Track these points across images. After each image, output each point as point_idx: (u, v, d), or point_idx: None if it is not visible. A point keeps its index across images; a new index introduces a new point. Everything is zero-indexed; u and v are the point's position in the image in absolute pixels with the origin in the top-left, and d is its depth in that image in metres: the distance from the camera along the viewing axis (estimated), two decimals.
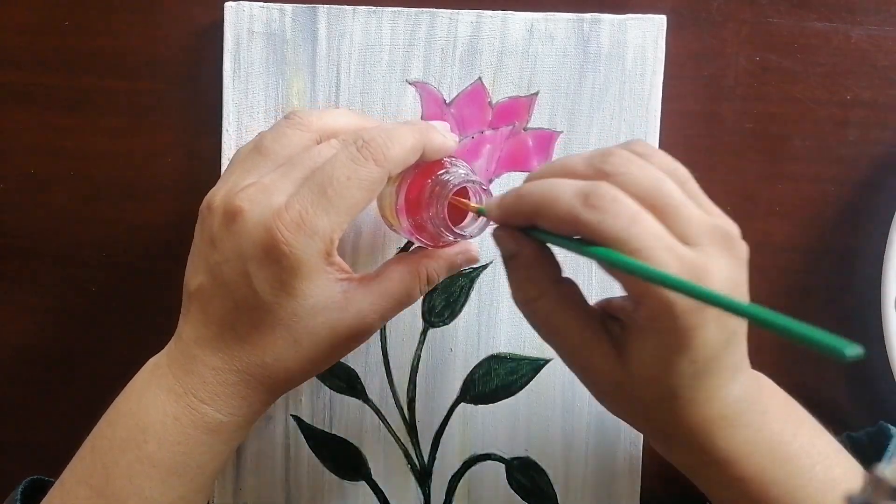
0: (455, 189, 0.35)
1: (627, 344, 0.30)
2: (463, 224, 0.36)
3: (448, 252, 0.37)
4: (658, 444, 0.34)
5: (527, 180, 0.33)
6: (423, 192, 0.35)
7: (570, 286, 0.33)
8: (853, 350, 0.21)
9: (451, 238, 0.36)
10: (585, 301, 0.33)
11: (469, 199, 0.36)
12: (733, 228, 0.30)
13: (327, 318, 0.34)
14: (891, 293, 0.41)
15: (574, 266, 0.42)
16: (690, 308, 0.28)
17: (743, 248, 0.30)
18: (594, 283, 0.43)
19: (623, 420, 0.35)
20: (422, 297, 0.43)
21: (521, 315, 0.42)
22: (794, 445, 0.32)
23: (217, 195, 0.34)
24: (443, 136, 0.35)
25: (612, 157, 0.30)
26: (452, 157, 0.37)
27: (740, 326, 0.30)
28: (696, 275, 0.28)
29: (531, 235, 0.32)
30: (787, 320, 0.24)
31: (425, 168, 0.35)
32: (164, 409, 0.34)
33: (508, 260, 0.33)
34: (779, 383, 0.38)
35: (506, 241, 0.33)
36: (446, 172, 0.35)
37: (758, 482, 0.32)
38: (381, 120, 0.42)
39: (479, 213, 0.35)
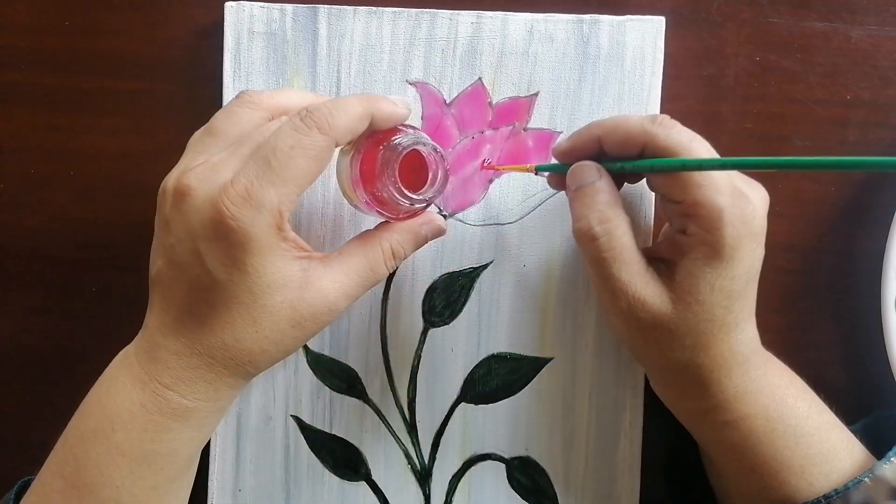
0: (405, 152, 0.34)
1: (673, 273, 0.35)
2: (420, 190, 0.36)
3: (411, 223, 0.37)
4: (671, 387, 0.38)
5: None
6: (376, 160, 0.35)
7: (630, 221, 0.36)
8: None
9: (409, 205, 0.35)
10: None
11: (428, 167, 0.36)
12: None
13: (286, 296, 0.33)
14: (891, 293, 0.41)
15: (574, 271, 0.43)
16: (736, 222, 0.33)
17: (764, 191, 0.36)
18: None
19: (646, 359, 0.38)
20: (423, 298, 0.43)
21: (521, 315, 0.42)
22: (791, 390, 0.37)
23: (170, 178, 0.34)
24: (393, 103, 0.35)
25: (657, 116, 0.35)
26: (407, 125, 0.36)
27: (758, 269, 0.36)
28: (738, 194, 0.34)
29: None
30: (838, 158, 0.30)
31: (378, 137, 0.35)
32: (131, 398, 0.34)
33: (584, 188, 0.36)
34: None
35: (588, 169, 0.36)
36: (397, 137, 0.35)
37: (762, 419, 0.36)
38: None
39: (536, 170, 0.38)
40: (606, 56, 0.42)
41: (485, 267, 0.43)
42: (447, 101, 0.43)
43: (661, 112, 0.42)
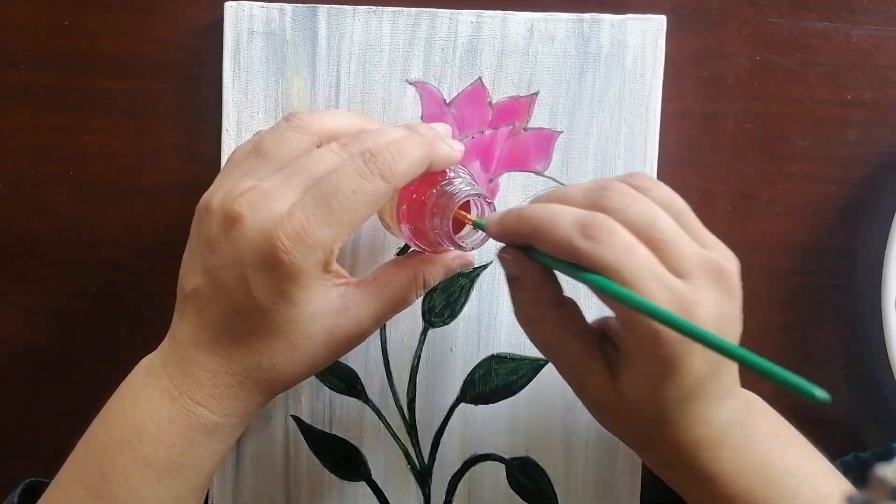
0: (461, 202, 0.34)
1: (619, 367, 0.32)
2: (462, 234, 0.36)
3: (445, 257, 0.37)
4: (649, 461, 0.36)
5: (531, 202, 0.33)
6: (427, 201, 0.35)
7: (571, 307, 0.34)
8: (822, 394, 0.25)
9: (452, 248, 0.36)
10: (585, 321, 0.34)
11: (471, 211, 0.35)
12: (728, 262, 0.31)
13: (324, 323, 0.34)
14: (891, 293, 0.41)
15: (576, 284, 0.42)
16: (677, 338, 0.29)
17: (735, 282, 0.31)
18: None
19: (616, 437, 0.36)
20: (423, 299, 0.43)
21: None
22: (780, 466, 0.33)
23: (215, 197, 0.34)
24: (449, 147, 0.35)
25: (609, 190, 0.31)
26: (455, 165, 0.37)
27: (719, 365, 0.31)
28: (684, 307, 0.29)
29: (532, 257, 0.32)
30: (764, 362, 0.26)
31: (429, 176, 0.35)
32: (160, 411, 0.34)
33: (512, 281, 0.34)
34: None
35: (509, 263, 0.34)
36: (449, 183, 0.35)
37: (744, 501, 0.33)
38: (381, 121, 0.42)
39: (476, 226, 0.35)
40: (607, 55, 0.42)
41: (485, 267, 0.43)
42: (447, 101, 0.43)
43: (661, 112, 0.42)
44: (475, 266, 0.43)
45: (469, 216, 0.35)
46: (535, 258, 0.32)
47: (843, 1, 0.42)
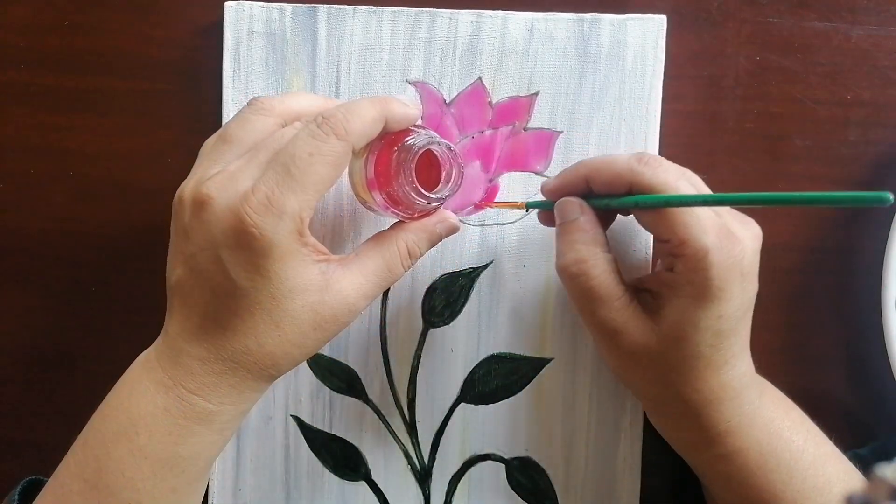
0: (420, 151, 0.35)
1: (660, 308, 0.35)
2: (436, 188, 0.36)
3: (425, 222, 0.37)
4: (663, 421, 0.38)
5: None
6: (391, 161, 0.35)
7: (614, 258, 0.36)
8: (889, 196, 0.26)
9: (425, 203, 0.36)
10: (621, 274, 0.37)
11: (441, 166, 0.36)
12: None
13: (307, 300, 0.34)
14: (891, 293, 0.41)
15: None
16: (723, 263, 0.33)
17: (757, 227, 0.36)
18: None
19: (636, 390, 0.38)
20: (422, 299, 0.43)
21: (521, 315, 0.42)
22: (787, 422, 0.37)
23: (186, 187, 0.34)
24: (404, 104, 0.36)
25: (644, 155, 0.35)
26: (418, 125, 0.37)
27: (751, 306, 0.35)
28: (728, 231, 0.33)
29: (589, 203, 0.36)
30: (818, 194, 0.30)
31: (391, 138, 0.36)
32: (155, 402, 0.34)
33: (567, 224, 0.36)
34: (780, 382, 0.39)
35: (571, 206, 0.36)
36: (411, 138, 0.36)
37: (755, 452, 0.36)
38: None
39: (527, 207, 0.39)
40: (607, 55, 0.42)
41: (485, 267, 0.43)
42: (447, 101, 0.43)
43: (661, 112, 0.42)
44: (475, 266, 0.43)
45: (514, 202, 0.40)
46: (593, 203, 0.36)
47: (843, 1, 0.42)
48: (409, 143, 0.35)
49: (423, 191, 0.35)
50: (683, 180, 0.34)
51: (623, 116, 0.42)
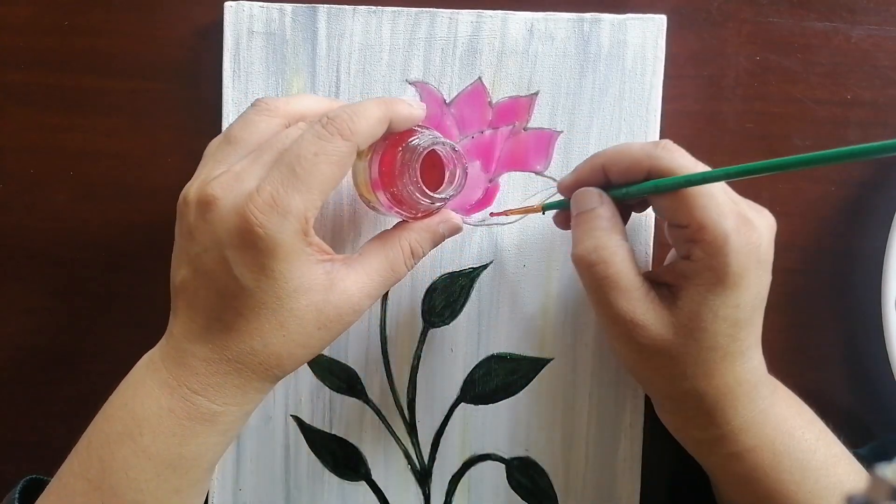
0: (425, 152, 0.35)
1: (677, 299, 0.34)
2: (440, 189, 0.37)
3: (428, 222, 0.37)
4: (677, 415, 0.37)
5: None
6: (395, 161, 0.35)
7: (631, 248, 0.36)
8: None
9: (429, 203, 0.36)
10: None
11: (445, 166, 0.36)
12: None
13: (311, 299, 0.34)
14: (891, 293, 0.41)
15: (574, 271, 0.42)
16: (741, 249, 0.33)
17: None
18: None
19: (649, 385, 0.37)
20: (422, 298, 0.43)
21: (521, 315, 0.42)
22: (799, 421, 0.37)
23: (191, 188, 0.34)
24: (409, 105, 0.36)
25: (661, 140, 0.36)
26: (421, 125, 0.37)
27: (765, 296, 0.35)
28: (744, 216, 0.34)
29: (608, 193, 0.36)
30: (839, 150, 0.30)
31: (395, 139, 0.36)
32: (159, 402, 0.34)
33: (584, 213, 0.36)
34: (781, 382, 0.39)
35: (590, 194, 0.36)
36: (415, 138, 0.36)
37: (769, 451, 0.35)
38: None
39: (544, 209, 0.39)
40: (607, 55, 0.42)
41: (485, 267, 0.43)
42: (447, 101, 0.43)
43: (661, 112, 0.42)
44: (475, 266, 0.43)
45: (531, 207, 0.39)
46: (611, 194, 0.36)
47: (843, 1, 0.42)
48: (413, 143, 0.35)
49: (427, 191, 0.36)
50: (701, 165, 0.34)
51: (623, 116, 0.42)
